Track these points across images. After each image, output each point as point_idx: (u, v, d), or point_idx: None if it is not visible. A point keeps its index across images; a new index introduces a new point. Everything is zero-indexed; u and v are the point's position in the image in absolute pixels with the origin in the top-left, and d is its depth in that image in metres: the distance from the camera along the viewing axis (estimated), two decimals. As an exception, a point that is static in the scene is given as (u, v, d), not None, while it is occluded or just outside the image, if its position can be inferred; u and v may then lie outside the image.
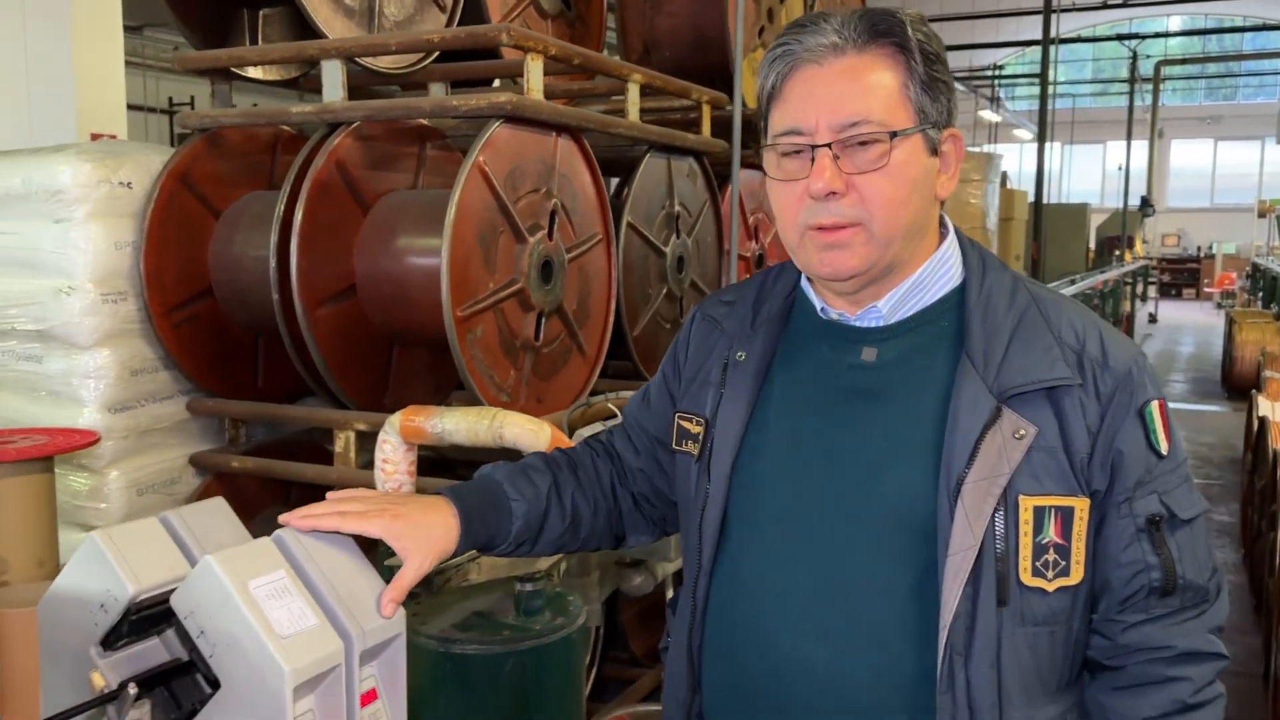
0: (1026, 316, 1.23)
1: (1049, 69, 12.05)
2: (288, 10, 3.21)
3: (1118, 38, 23.25)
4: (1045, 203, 12.37)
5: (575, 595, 2.13)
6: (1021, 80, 27.78)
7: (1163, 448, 1.21)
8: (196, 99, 15.36)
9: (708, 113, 3.60)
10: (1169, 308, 24.01)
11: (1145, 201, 20.80)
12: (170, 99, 15.61)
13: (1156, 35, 25.49)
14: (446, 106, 2.69)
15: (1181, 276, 28.55)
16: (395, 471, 2.10)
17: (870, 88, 1.19)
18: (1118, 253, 18.67)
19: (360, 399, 2.87)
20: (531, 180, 2.78)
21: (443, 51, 3.27)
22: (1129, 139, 20.78)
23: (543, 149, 2.83)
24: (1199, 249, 28.93)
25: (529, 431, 2.01)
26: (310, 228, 2.66)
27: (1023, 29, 22.57)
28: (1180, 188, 30.16)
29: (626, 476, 1.50)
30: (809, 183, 1.20)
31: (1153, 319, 20.85)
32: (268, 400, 3.12)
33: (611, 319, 3.17)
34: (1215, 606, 1.24)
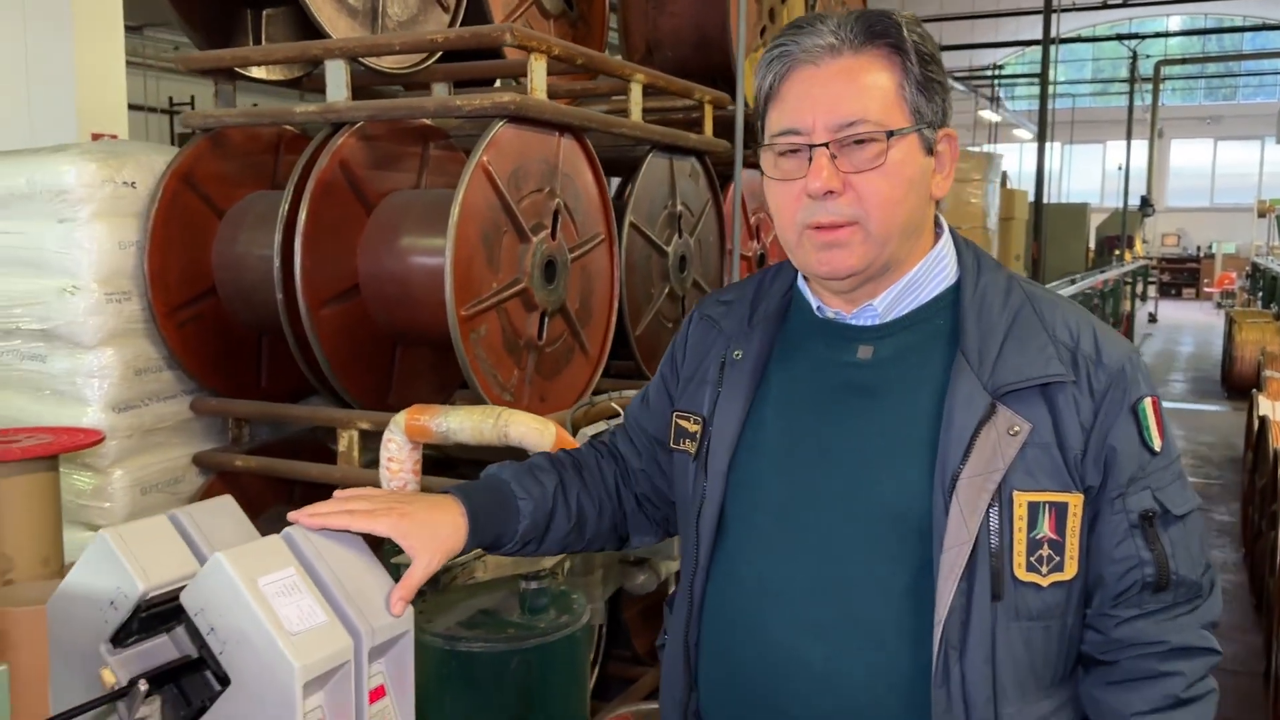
0: (1021, 314, 1.24)
1: (1049, 69, 12.05)
2: (291, 10, 3.22)
3: (1117, 37, 23.25)
4: (1045, 202, 12.38)
5: (579, 593, 2.13)
6: (1021, 80, 27.78)
7: (1156, 444, 1.22)
8: (197, 99, 15.39)
9: (710, 112, 3.60)
10: (1169, 307, 24.01)
11: (1145, 201, 20.80)
12: (170, 99, 15.62)
13: (1156, 35, 25.48)
14: (450, 106, 2.69)
15: (1181, 276, 28.55)
16: (400, 470, 2.11)
17: (867, 88, 1.20)
18: (1117, 252, 18.66)
19: (364, 398, 2.87)
20: (535, 180, 2.78)
21: (445, 51, 3.27)
22: (1129, 139, 20.77)
23: (546, 149, 2.83)
24: (1199, 249, 28.93)
25: (534, 430, 2.02)
26: (314, 227, 2.66)
27: (1022, 29, 22.57)
28: (1180, 187, 30.14)
29: (630, 478, 1.50)
30: (806, 182, 1.21)
31: (1152, 319, 20.84)
32: (271, 400, 3.11)
33: (614, 318, 3.18)
34: (1208, 602, 1.24)
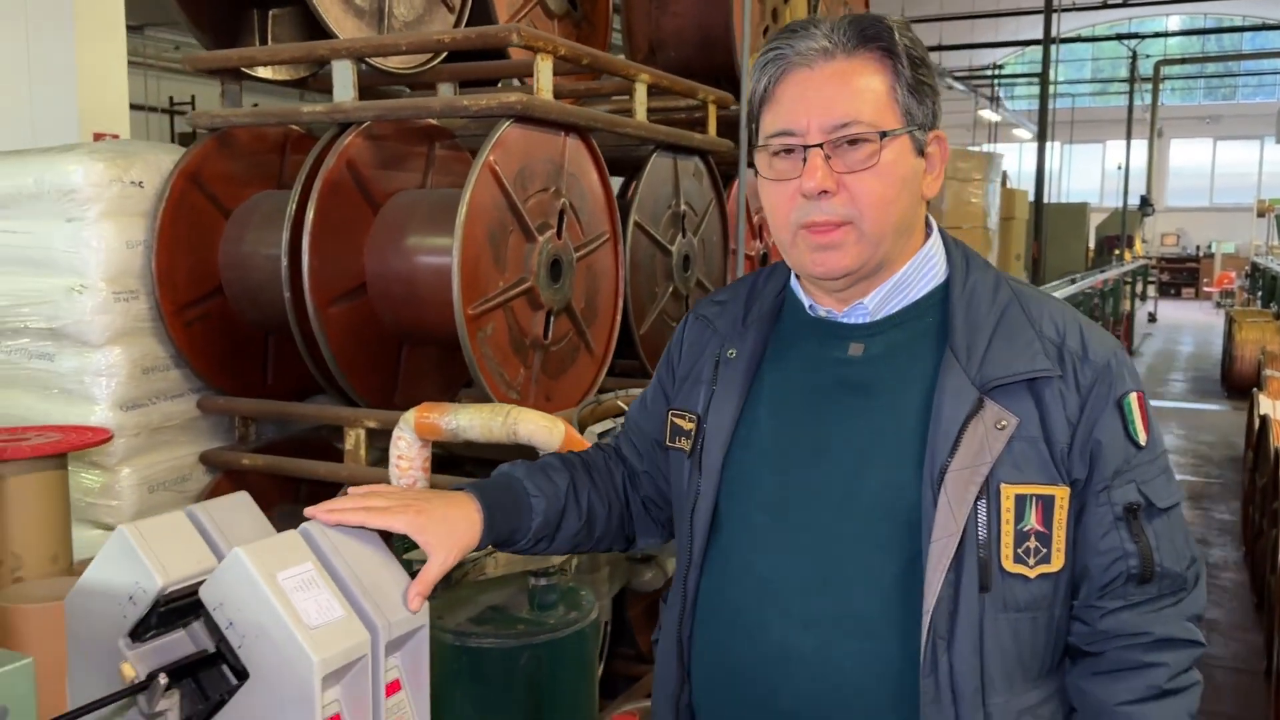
0: (1008, 311, 1.26)
1: (1049, 68, 12.07)
2: (297, 10, 3.23)
3: (1117, 37, 23.27)
4: (1045, 202, 12.39)
5: (587, 590, 2.14)
6: (1021, 80, 27.79)
7: (1141, 438, 1.24)
8: (197, 98, 15.40)
9: (713, 112, 3.62)
10: (1168, 307, 24.02)
11: (1145, 201, 20.82)
12: (171, 98, 15.63)
13: (1156, 35, 25.50)
14: (457, 106, 2.70)
15: (1181, 276, 28.57)
16: (410, 468, 2.12)
17: (860, 90, 1.22)
18: (1117, 252, 18.67)
19: (370, 397, 2.88)
20: (540, 179, 2.79)
21: (450, 52, 3.28)
22: (1128, 138, 20.80)
23: (551, 148, 2.84)
24: (1198, 248, 28.94)
25: (543, 428, 2.03)
26: (321, 227, 2.67)
27: (1022, 29, 22.59)
28: (1179, 187, 30.15)
29: (635, 480, 1.52)
30: (801, 182, 1.23)
31: (1152, 318, 20.85)
32: (277, 398, 3.13)
33: (619, 317, 3.19)
34: (1193, 595, 1.26)
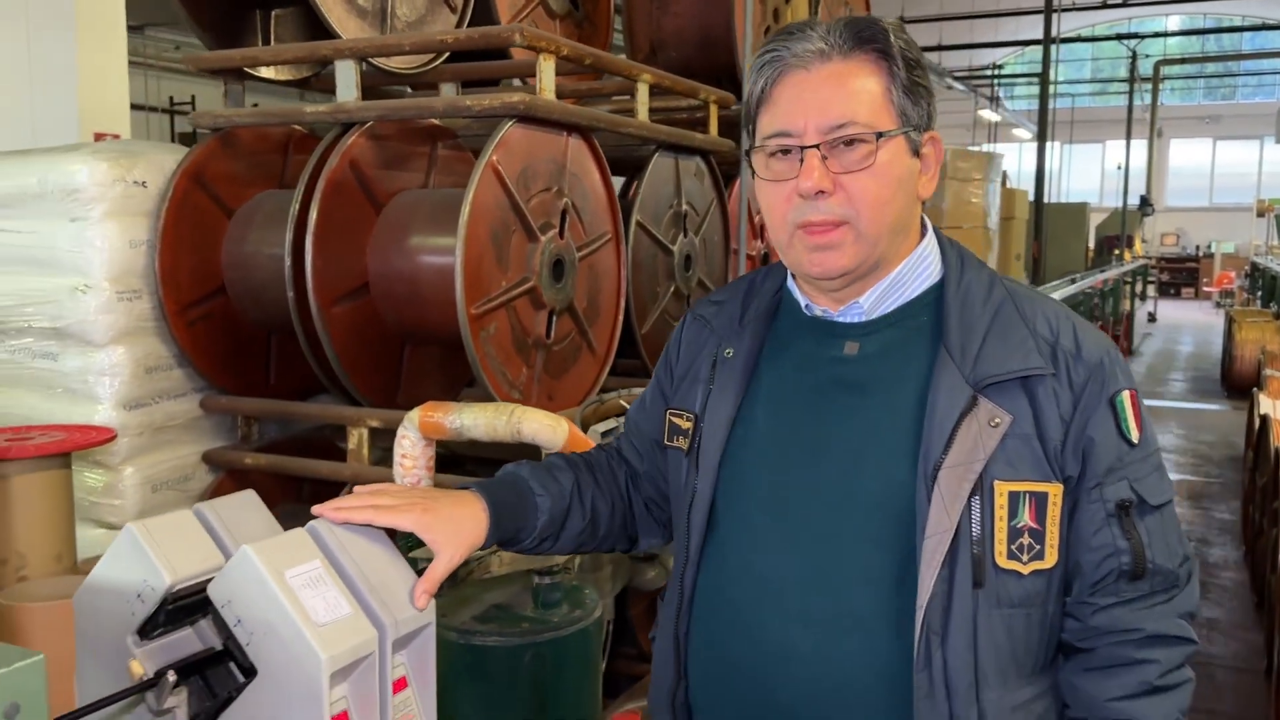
0: (1002, 310, 1.28)
1: (1050, 68, 12.07)
2: (299, 10, 3.23)
3: (1117, 37, 23.29)
4: (1045, 202, 12.40)
5: (591, 588, 2.15)
6: (1020, 80, 27.80)
7: (1134, 436, 1.25)
8: (197, 98, 15.41)
9: (715, 112, 3.62)
10: (1168, 307, 24.03)
11: (1144, 201, 20.85)
12: (171, 98, 15.65)
13: (1155, 35, 25.51)
14: (460, 106, 2.71)
15: (1180, 276, 28.58)
16: (414, 466, 2.12)
17: (856, 92, 1.24)
18: (1117, 252, 18.69)
19: (373, 396, 2.89)
20: (543, 179, 2.80)
21: (453, 52, 3.29)
22: (1128, 138, 20.81)
23: (554, 148, 2.85)
24: (1198, 248, 28.95)
25: (547, 427, 2.03)
26: (325, 226, 2.68)
27: (1022, 28, 22.60)
28: (1179, 187, 30.16)
29: (637, 481, 1.53)
30: (798, 182, 1.24)
31: (1152, 318, 20.86)
32: (279, 397, 3.13)
33: (621, 317, 3.20)
34: (1185, 592, 1.27)
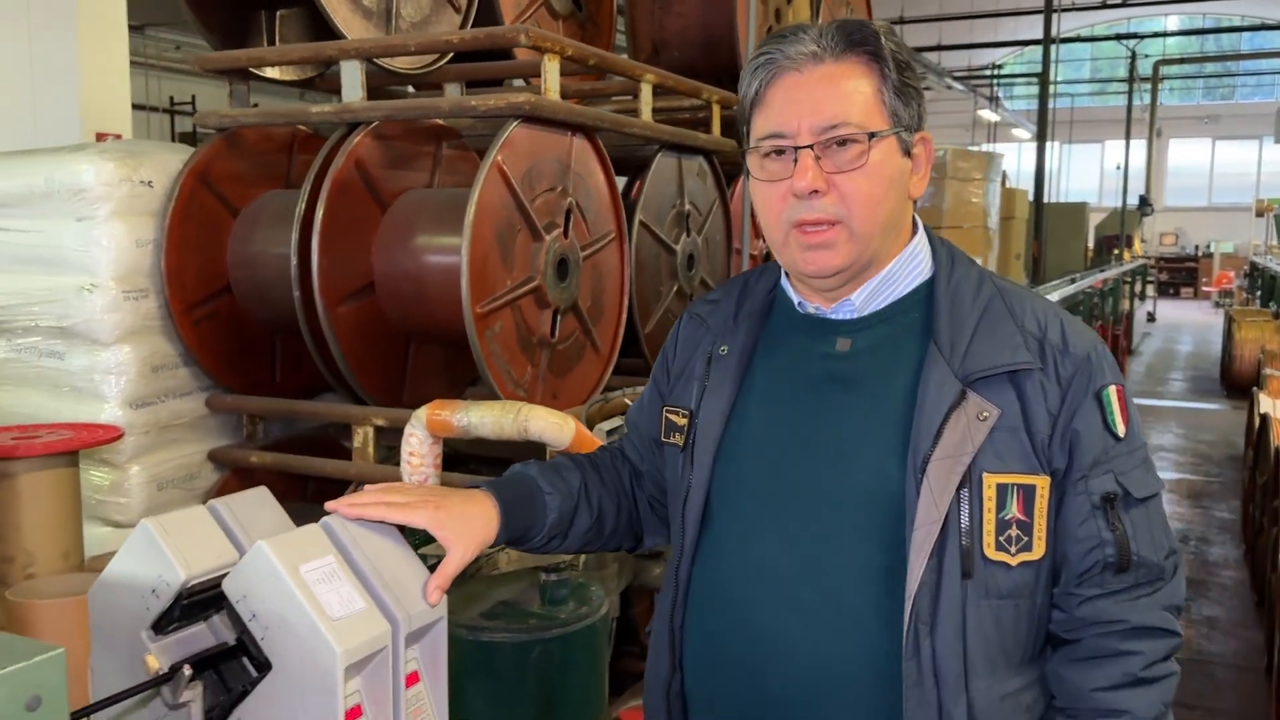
0: (991, 306, 1.30)
1: (1049, 68, 12.08)
2: (303, 11, 3.25)
3: (1116, 37, 23.31)
4: (1045, 202, 12.41)
5: (597, 585, 2.16)
6: (1020, 80, 27.82)
7: (1120, 430, 1.26)
8: (198, 98, 15.43)
9: (717, 112, 3.64)
10: (1167, 307, 24.05)
11: (1144, 200, 20.87)
12: (171, 98, 15.67)
13: (1155, 35, 25.53)
14: (465, 106, 2.72)
15: (1180, 275, 28.61)
16: (421, 464, 2.13)
17: (848, 93, 1.26)
18: (1116, 251, 18.70)
19: (378, 395, 2.90)
20: (548, 179, 2.81)
21: (457, 52, 3.30)
22: (1127, 138, 20.83)
23: (558, 148, 2.86)
24: (1197, 248, 28.97)
25: (554, 425, 2.05)
26: (330, 226, 2.69)
27: (1021, 28, 22.62)
28: (1178, 187, 30.17)
29: (640, 480, 1.56)
30: (792, 182, 1.26)
31: (1151, 318, 20.87)
32: (284, 396, 3.14)
33: (624, 316, 3.21)
34: (1170, 585, 1.28)
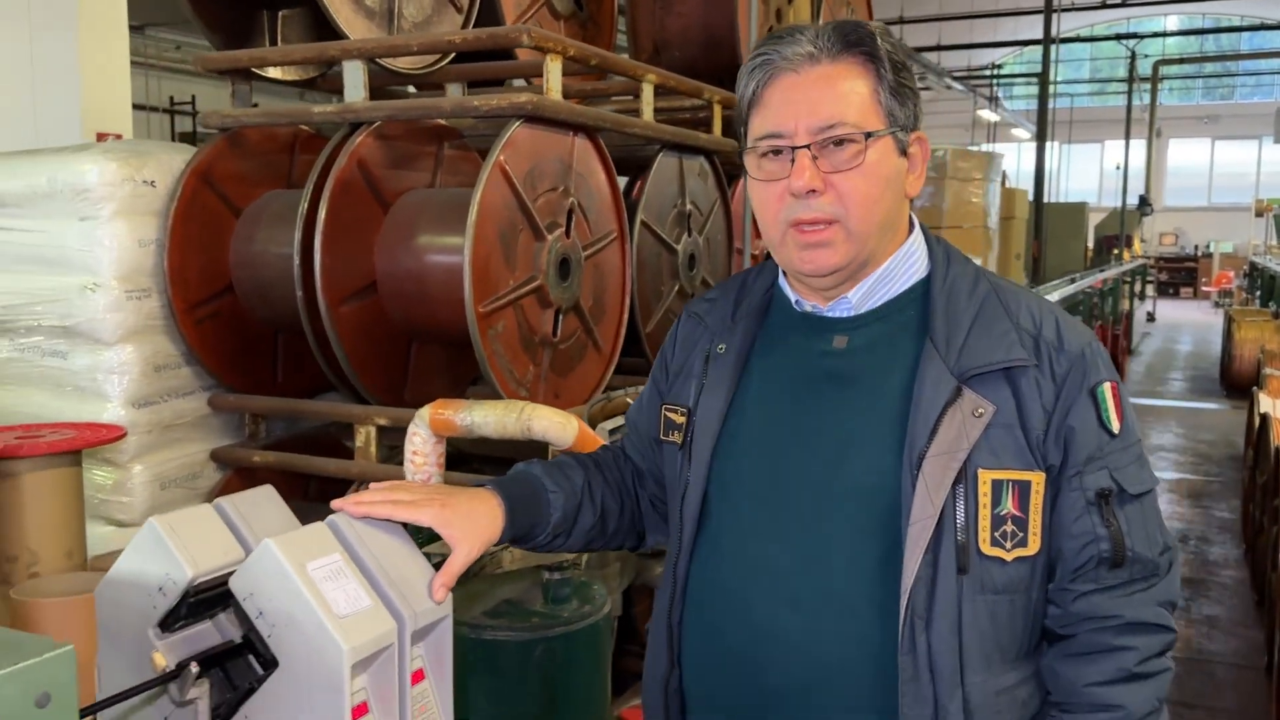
0: (987, 304, 1.31)
1: (1049, 68, 12.09)
2: (306, 11, 3.25)
3: (1116, 37, 23.33)
4: (1044, 202, 12.41)
5: (600, 584, 2.17)
6: (1019, 80, 27.83)
7: (1114, 426, 1.27)
8: (197, 98, 15.44)
9: (718, 112, 3.64)
10: (1167, 306, 24.06)
11: (1143, 200, 20.88)
12: (171, 98, 15.69)
13: (1154, 35, 25.55)
14: (467, 106, 2.72)
15: (1179, 275, 28.63)
16: (425, 463, 2.14)
17: (844, 94, 1.27)
18: (1116, 251, 18.71)
19: (380, 394, 2.90)
20: (550, 179, 2.81)
21: (459, 52, 3.30)
22: (1127, 138, 20.84)
23: (560, 148, 2.86)
24: (1196, 248, 28.99)
25: (557, 424, 2.05)
26: (333, 226, 2.69)
27: (1020, 28, 22.63)
28: (1178, 187, 30.18)
29: (641, 479, 1.56)
30: (790, 181, 1.27)
31: (1151, 318, 20.88)
32: (286, 395, 3.14)
33: (626, 315, 3.21)
34: (1165, 581, 1.29)
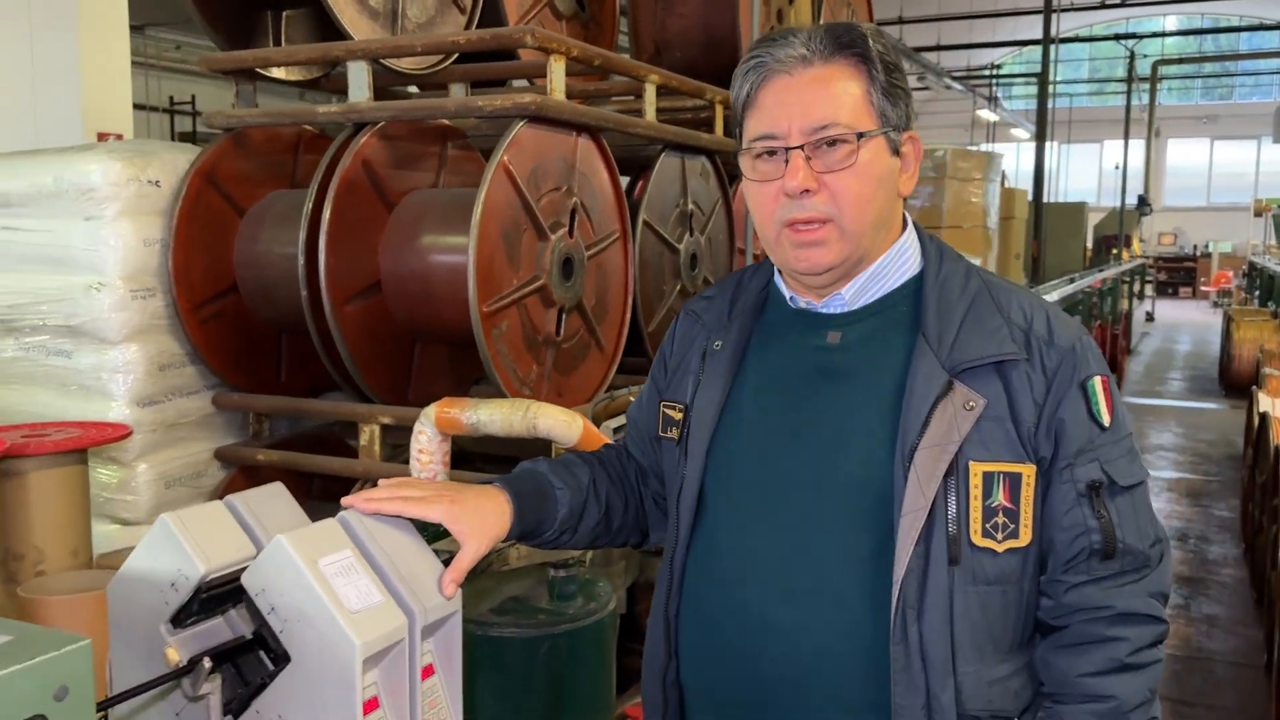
0: (978, 300, 1.32)
1: (1049, 68, 12.11)
2: (309, 11, 3.26)
3: (1115, 37, 23.36)
4: (1044, 202, 12.43)
5: (605, 581, 2.18)
6: (1018, 80, 27.85)
7: (1105, 419, 1.29)
8: (198, 98, 15.44)
9: (720, 112, 3.65)
10: (1166, 306, 24.08)
11: (1142, 200, 20.90)
12: (171, 98, 15.69)
13: (1153, 35, 25.58)
14: (471, 107, 2.73)
15: (1178, 275, 28.66)
16: (430, 462, 2.15)
17: (837, 95, 1.29)
18: (1115, 251, 18.73)
19: (384, 393, 2.91)
20: (553, 179, 2.83)
21: (462, 53, 3.31)
22: (1126, 138, 20.86)
23: (564, 148, 2.88)
24: (1195, 248, 29.02)
25: (562, 423, 2.06)
26: (338, 225, 2.70)
27: (1020, 29, 22.64)
28: (1177, 187, 30.21)
29: (644, 476, 1.58)
30: (784, 182, 1.29)
31: (1150, 317, 20.90)
32: (290, 395, 3.16)
33: (628, 315, 3.22)
34: (1156, 573, 1.30)
